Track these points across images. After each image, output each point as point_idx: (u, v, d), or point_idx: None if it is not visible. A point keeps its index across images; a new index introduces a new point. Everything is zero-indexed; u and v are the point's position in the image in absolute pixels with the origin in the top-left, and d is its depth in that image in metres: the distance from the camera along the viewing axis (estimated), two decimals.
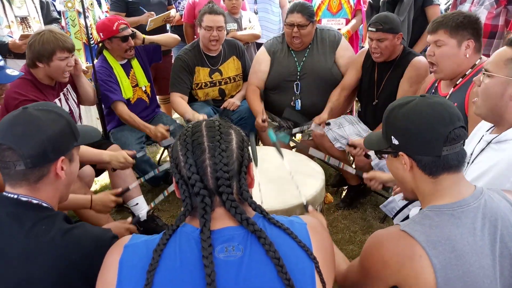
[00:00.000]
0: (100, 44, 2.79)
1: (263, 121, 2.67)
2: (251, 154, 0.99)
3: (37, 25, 2.93)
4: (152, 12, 3.35)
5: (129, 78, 2.73)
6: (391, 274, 0.99)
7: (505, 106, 1.29)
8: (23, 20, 2.87)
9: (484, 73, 1.33)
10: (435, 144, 1.01)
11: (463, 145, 1.05)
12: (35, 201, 1.07)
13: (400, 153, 1.07)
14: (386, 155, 1.14)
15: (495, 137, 1.32)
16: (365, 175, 1.86)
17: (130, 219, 1.66)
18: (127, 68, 2.78)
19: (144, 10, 3.36)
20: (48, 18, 3.03)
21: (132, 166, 2.25)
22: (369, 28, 2.46)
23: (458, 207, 1.01)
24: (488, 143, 1.34)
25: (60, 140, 1.09)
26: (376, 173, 1.86)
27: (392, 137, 1.08)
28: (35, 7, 2.93)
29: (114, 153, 2.10)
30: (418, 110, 1.04)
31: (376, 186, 1.85)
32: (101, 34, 2.66)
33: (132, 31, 2.70)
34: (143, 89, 2.89)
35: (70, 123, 1.13)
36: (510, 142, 1.27)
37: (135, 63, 2.83)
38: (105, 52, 2.74)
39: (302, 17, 2.67)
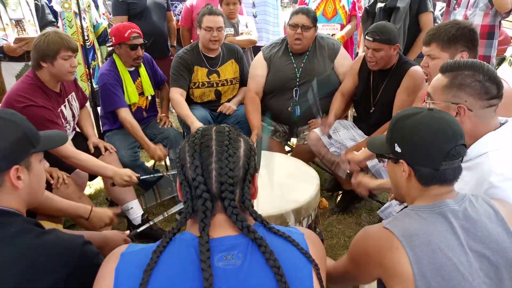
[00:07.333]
0: (110, 48, 2.80)
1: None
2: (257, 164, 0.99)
3: (32, 28, 2.92)
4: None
5: (134, 85, 2.73)
6: (374, 265, 1.07)
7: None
8: (18, 23, 2.85)
9: (426, 102, 1.42)
10: (436, 158, 1.07)
11: (461, 162, 1.11)
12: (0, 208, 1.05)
13: (401, 161, 1.13)
14: (387, 160, 1.21)
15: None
16: (353, 180, 1.90)
17: (128, 232, 1.69)
18: (134, 75, 2.78)
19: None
20: (43, 21, 3.02)
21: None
22: (366, 37, 2.46)
23: (437, 207, 1.08)
24: None
25: (12, 149, 1.05)
26: (364, 178, 1.88)
27: (396, 144, 1.13)
28: (30, 10, 2.92)
29: (119, 170, 2.11)
30: (424, 123, 1.10)
31: (363, 193, 1.88)
32: (113, 38, 2.68)
33: (144, 41, 2.71)
34: (149, 98, 2.89)
35: (26, 130, 1.10)
36: (473, 161, 1.32)
37: (142, 71, 2.83)
38: (115, 56, 2.74)
39: (307, 19, 2.70)
